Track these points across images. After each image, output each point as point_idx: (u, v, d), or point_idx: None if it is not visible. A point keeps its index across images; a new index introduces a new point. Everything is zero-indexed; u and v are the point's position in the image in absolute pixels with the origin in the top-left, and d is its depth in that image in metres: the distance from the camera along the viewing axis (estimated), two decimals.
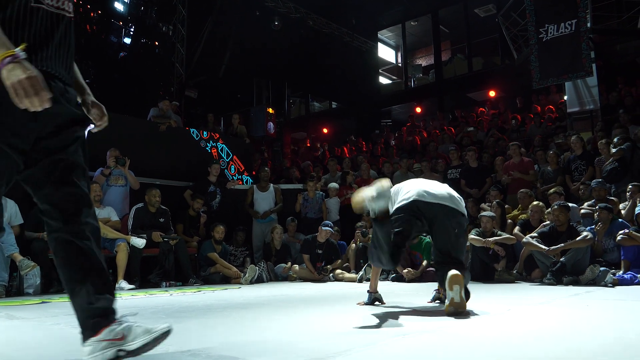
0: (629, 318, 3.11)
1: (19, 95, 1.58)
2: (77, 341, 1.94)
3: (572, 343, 2.25)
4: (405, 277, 6.61)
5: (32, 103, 1.60)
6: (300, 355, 2.06)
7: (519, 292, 5.04)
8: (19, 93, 1.58)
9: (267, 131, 12.83)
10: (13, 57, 1.60)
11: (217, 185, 8.58)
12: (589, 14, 9.59)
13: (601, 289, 5.02)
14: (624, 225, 5.88)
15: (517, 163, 8.38)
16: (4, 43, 1.63)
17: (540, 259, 5.90)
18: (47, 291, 5.83)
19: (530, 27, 10.05)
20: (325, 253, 7.53)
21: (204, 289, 6.10)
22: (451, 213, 3.46)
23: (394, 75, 21.64)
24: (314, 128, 20.32)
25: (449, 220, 3.44)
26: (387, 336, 2.50)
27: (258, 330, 2.85)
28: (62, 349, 2.37)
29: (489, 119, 13.12)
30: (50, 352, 2.35)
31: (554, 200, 6.56)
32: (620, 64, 12.42)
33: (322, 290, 5.73)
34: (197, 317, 3.45)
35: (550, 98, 13.24)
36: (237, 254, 7.92)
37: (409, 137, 13.91)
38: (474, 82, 17.31)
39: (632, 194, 6.39)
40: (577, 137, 8.09)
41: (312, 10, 15.79)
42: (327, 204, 9.05)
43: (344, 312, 3.60)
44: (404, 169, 9.61)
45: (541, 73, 9.94)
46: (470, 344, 2.30)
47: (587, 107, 9.87)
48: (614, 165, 7.24)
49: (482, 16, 17.99)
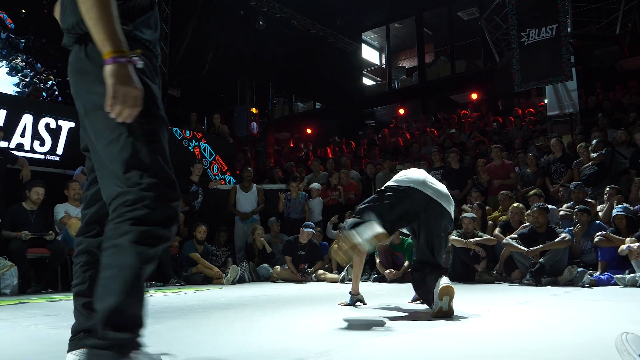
0: (605, 318, 3.16)
1: (116, 99, 1.50)
2: (54, 342, 1.92)
3: (548, 342, 2.28)
4: (387, 278, 6.64)
5: (122, 113, 1.51)
6: (282, 355, 2.06)
7: (499, 292, 5.10)
8: (117, 97, 1.50)
9: (251, 131, 12.80)
10: (128, 60, 1.52)
11: (200, 185, 8.53)
12: (570, 19, 9.73)
13: (579, 289, 5.10)
14: (601, 227, 5.97)
15: (498, 165, 8.47)
16: (120, 39, 1.53)
17: (520, 259, 5.97)
18: (25, 291, 5.74)
19: (512, 31, 10.16)
20: (307, 254, 7.52)
21: (185, 290, 6.06)
22: (443, 214, 3.44)
23: (378, 77, 21.73)
24: (297, 128, 20.31)
25: (441, 221, 3.44)
26: (368, 336, 2.51)
27: (239, 331, 2.84)
28: (39, 350, 2.34)
29: (471, 121, 13.25)
30: (26, 353, 2.32)
31: (533, 202, 6.64)
32: (599, 69, 12.62)
33: (304, 291, 5.74)
34: (177, 317, 3.43)
35: (531, 101, 13.40)
36: (219, 254, 7.88)
37: (392, 139, 13.98)
38: (457, 84, 17.45)
39: (609, 197, 6.50)
40: (556, 140, 8.21)
41: (297, 11, 15.78)
42: (310, 204, 9.06)
43: (326, 313, 3.60)
44: (387, 170, 9.65)
45: (522, 76, 10.06)
46: (449, 343, 2.33)
47: (567, 110, 10.02)
48: (593, 170, 7.36)
49: (465, 19, 18.16)
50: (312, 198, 9.14)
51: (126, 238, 1.49)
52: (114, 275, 1.49)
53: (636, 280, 5.04)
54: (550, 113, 10.33)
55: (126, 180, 1.54)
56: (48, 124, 7.72)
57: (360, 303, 3.89)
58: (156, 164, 1.59)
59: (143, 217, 1.51)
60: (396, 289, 5.58)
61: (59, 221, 6.53)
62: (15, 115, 7.46)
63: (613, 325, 2.64)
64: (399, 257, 6.96)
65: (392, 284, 6.50)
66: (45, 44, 14.18)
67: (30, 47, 14.62)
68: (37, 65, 15.11)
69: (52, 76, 15.34)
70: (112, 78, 1.49)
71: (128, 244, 1.49)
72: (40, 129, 7.63)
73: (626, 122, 9.08)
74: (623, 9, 9.61)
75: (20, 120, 7.50)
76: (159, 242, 1.55)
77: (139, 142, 1.57)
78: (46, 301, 4.81)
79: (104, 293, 1.49)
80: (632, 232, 5.58)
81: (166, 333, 2.70)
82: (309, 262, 7.53)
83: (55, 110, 8.13)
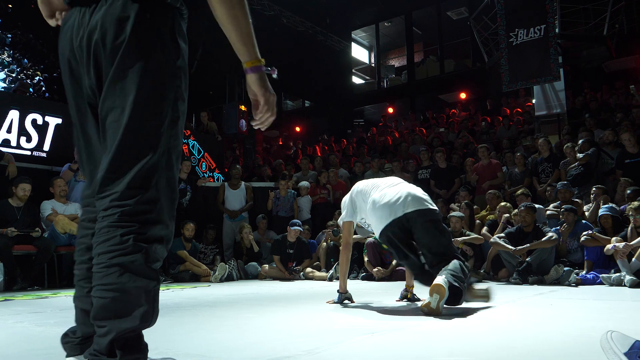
0: (591, 317, 3.19)
1: (267, 106, 1.56)
2: (40, 339, 1.90)
3: (534, 340, 2.30)
4: (375, 276, 6.66)
5: (267, 120, 1.58)
6: (269, 353, 2.06)
7: None
8: (268, 107, 1.57)
9: (240, 128, 12.75)
10: (266, 69, 1.59)
11: (188, 182, 8.49)
12: (558, 20, 9.81)
13: (565, 288, 5.15)
14: (587, 226, 6.03)
15: (485, 165, 8.53)
16: (256, 49, 1.61)
17: (507, 258, 6.02)
18: (10, 288, 5.69)
19: (501, 31, 10.22)
20: (296, 252, 7.52)
21: (173, 287, 6.03)
22: (425, 214, 3.53)
23: (367, 75, 21.78)
24: (286, 126, 20.29)
25: (426, 221, 3.52)
26: (355, 334, 2.52)
27: (227, 329, 2.83)
28: (25, 347, 2.32)
29: (460, 121, 13.31)
30: (12, 350, 2.29)
31: (521, 201, 6.69)
32: (587, 70, 12.74)
33: (292, 289, 5.73)
34: (165, 315, 3.40)
35: (519, 101, 13.49)
36: (207, 251, 7.85)
37: (381, 137, 14.01)
38: (446, 83, 17.54)
39: (595, 196, 6.57)
40: (544, 139, 8.27)
41: (287, 8, 15.76)
42: (299, 202, 9.06)
43: (313, 311, 3.60)
44: (376, 168, 9.69)
45: (511, 76, 10.12)
46: (435, 341, 2.34)
47: (555, 110, 10.09)
48: (579, 170, 7.42)
49: (454, 19, 18.26)
50: (301, 196, 9.14)
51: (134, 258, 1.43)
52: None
53: (621, 280, 5.10)
54: (538, 113, 10.41)
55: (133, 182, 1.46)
56: (35, 120, 7.64)
57: (348, 301, 3.90)
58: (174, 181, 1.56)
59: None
60: (384, 287, 5.59)
61: (46, 218, 6.48)
62: (2, 111, 7.38)
63: (598, 324, 2.67)
64: (387, 255, 6.98)
65: (380, 282, 6.52)
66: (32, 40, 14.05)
67: (17, 42, 14.48)
68: (24, 60, 14.97)
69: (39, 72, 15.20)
70: (263, 87, 1.58)
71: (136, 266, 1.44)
72: (27, 125, 7.55)
73: (613, 122, 9.17)
74: (610, 11, 9.71)
75: (7, 116, 7.41)
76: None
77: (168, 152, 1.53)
78: (32, 298, 4.77)
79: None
80: (617, 231, 5.64)
81: (153, 331, 2.68)
82: (297, 260, 7.53)
83: (42, 106, 8.05)
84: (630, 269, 5.10)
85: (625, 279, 5.04)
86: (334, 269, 6.89)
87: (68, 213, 6.58)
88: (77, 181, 7.20)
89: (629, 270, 5.09)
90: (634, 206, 5.36)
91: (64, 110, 8.10)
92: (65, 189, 6.77)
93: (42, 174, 7.32)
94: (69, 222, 6.33)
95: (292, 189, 9.21)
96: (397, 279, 6.47)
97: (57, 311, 3.73)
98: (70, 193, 6.98)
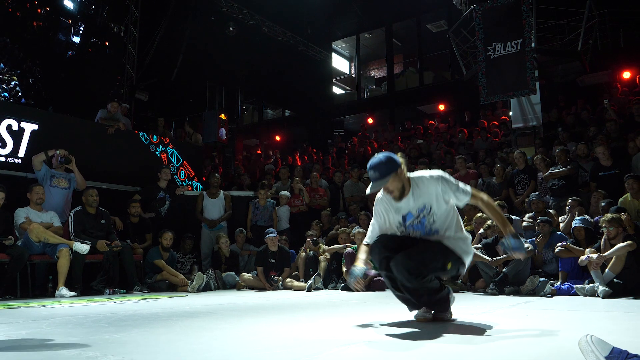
0: (566, 327, 3.24)
1: None
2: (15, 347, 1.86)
3: (510, 351, 2.32)
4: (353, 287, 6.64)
5: None
6: None
7: (463, 301, 5.15)
8: None
9: (219, 137, 12.71)
10: None
11: (167, 191, 8.40)
12: (534, 35, 9.99)
13: (540, 299, 5.22)
14: (562, 237, 6.13)
15: (462, 176, 8.62)
16: None
17: (484, 269, 6.08)
18: None
19: (479, 45, 10.36)
20: (278, 262, 7.47)
21: (150, 297, 5.96)
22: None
23: (347, 86, 21.90)
24: (266, 135, 20.27)
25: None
26: (332, 346, 2.51)
27: (203, 340, 2.81)
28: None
29: (438, 132, 13.45)
30: None
31: None
32: (562, 84, 12.99)
33: (271, 299, 5.70)
34: (141, 326, 3.37)
35: (496, 114, 13.68)
36: (185, 261, 7.77)
37: (361, 148, 14.07)
38: (425, 95, 17.72)
39: (571, 208, 6.67)
40: (519, 152, 8.40)
41: (268, 18, 15.80)
42: (278, 212, 9.04)
43: (291, 322, 3.59)
44: (355, 178, 9.74)
45: (488, 89, 10.26)
46: (411, 352, 2.35)
47: (531, 123, 10.25)
48: (561, 183, 7.51)
49: (433, 32, 18.53)
50: (280, 206, 9.12)
51: None
52: None
53: (595, 290, 5.18)
54: (514, 125, 10.56)
55: None
56: (10, 126, 7.50)
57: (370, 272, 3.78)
58: None
59: None
60: (363, 297, 5.60)
61: (19, 226, 6.35)
62: None
63: (572, 335, 2.71)
64: None
65: (358, 293, 6.51)
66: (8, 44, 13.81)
67: None
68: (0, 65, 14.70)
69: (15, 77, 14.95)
70: None
71: None
72: (2, 131, 7.41)
73: (586, 136, 9.36)
74: (584, 27, 9.92)
75: None
76: None
77: None
78: (4, 308, 4.66)
79: None
80: (590, 243, 5.74)
81: (130, 342, 2.65)
82: (279, 269, 7.47)
83: (18, 111, 7.90)
84: (604, 280, 5.19)
85: (599, 290, 5.13)
86: (313, 279, 6.88)
87: (43, 221, 6.45)
88: (52, 186, 7.07)
89: (602, 281, 5.19)
90: (607, 218, 5.46)
91: (40, 116, 7.99)
92: (43, 197, 6.61)
93: (17, 181, 7.19)
94: (44, 231, 6.21)
95: (272, 199, 9.18)
96: (376, 289, 6.48)
97: (30, 322, 3.66)
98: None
